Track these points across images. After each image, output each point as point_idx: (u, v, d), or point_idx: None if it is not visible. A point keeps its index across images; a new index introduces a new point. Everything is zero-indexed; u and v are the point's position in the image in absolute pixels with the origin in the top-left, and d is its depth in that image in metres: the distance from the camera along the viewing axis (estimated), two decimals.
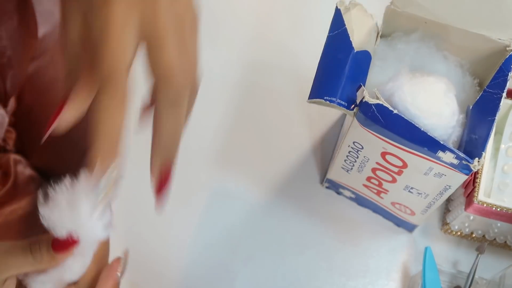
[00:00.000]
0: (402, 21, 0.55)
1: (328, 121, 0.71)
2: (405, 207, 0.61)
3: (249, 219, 0.67)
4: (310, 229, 0.67)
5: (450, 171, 0.50)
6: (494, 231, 0.64)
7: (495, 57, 0.53)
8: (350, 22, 0.54)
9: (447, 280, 0.64)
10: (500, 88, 0.51)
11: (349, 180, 0.63)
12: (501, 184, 0.63)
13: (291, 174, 0.69)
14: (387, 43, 0.57)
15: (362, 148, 0.55)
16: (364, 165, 0.57)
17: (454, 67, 0.56)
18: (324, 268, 0.66)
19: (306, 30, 0.74)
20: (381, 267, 0.66)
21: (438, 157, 0.49)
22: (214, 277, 0.65)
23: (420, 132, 0.48)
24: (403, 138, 0.49)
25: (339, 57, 0.53)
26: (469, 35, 0.53)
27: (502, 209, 0.60)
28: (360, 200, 0.66)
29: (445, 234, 0.67)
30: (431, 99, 0.50)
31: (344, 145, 0.56)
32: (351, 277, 0.66)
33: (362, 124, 0.51)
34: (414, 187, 0.56)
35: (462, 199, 0.63)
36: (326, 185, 0.68)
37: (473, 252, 0.63)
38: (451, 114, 0.51)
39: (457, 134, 0.52)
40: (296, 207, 0.68)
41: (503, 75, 0.52)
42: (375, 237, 0.67)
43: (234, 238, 0.67)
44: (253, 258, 0.66)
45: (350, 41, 0.53)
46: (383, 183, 0.58)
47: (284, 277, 0.65)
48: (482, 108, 0.52)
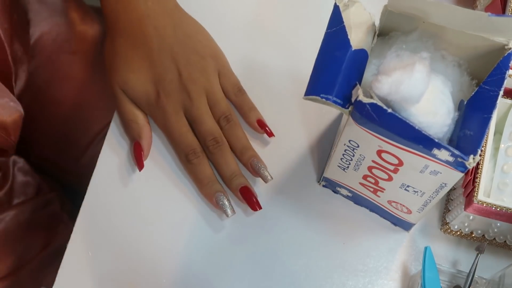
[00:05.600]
0: (400, 20, 0.55)
1: (326, 119, 0.71)
2: (402, 205, 0.61)
3: (245, 218, 0.67)
4: (307, 228, 0.67)
5: (446, 168, 0.50)
6: (493, 231, 0.64)
7: (493, 56, 0.53)
8: (349, 20, 0.54)
9: (447, 280, 0.64)
10: (497, 86, 0.51)
11: (345, 178, 0.63)
12: (501, 183, 0.63)
13: (288, 173, 0.69)
14: (385, 41, 0.57)
15: (358, 146, 0.55)
16: (360, 163, 0.57)
17: (452, 66, 0.56)
18: (323, 268, 0.66)
19: (305, 30, 0.74)
20: (380, 266, 0.66)
21: (433, 154, 0.49)
22: (213, 277, 0.65)
23: (414, 130, 0.48)
24: (398, 136, 0.49)
25: (337, 55, 0.53)
26: (467, 35, 0.53)
27: (501, 209, 0.59)
28: (356, 198, 0.66)
29: (444, 234, 0.67)
30: (426, 97, 0.50)
31: (340, 143, 0.56)
32: (351, 276, 0.66)
33: (357, 122, 0.51)
34: (410, 185, 0.56)
35: (461, 199, 0.63)
36: (323, 184, 0.68)
37: (473, 252, 0.63)
38: (447, 112, 0.51)
39: (453, 132, 0.52)
40: (293, 205, 0.68)
41: (501, 73, 0.51)
42: (374, 236, 0.67)
43: (231, 238, 0.67)
44: (251, 258, 0.66)
45: (348, 39, 0.53)
46: (379, 181, 0.58)
47: (283, 277, 0.65)
48: (478, 104, 0.52)
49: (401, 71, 0.49)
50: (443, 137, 0.52)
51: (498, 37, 0.52)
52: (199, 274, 0.65)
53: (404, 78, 0.49)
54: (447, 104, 0.52)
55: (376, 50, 0.56)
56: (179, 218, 0.67)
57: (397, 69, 0.49)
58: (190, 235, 0.67)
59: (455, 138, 0.52)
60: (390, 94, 0.49)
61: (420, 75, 0.49)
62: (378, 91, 0.49)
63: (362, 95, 0.48)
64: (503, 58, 0.52)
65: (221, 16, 0.76)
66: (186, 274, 0.65)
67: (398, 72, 0.49)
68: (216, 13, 0.76)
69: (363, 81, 0.53)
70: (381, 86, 0.49)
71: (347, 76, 0.51)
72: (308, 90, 0.52)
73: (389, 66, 0.51)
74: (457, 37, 0.54)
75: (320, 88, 0.51)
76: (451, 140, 0.53)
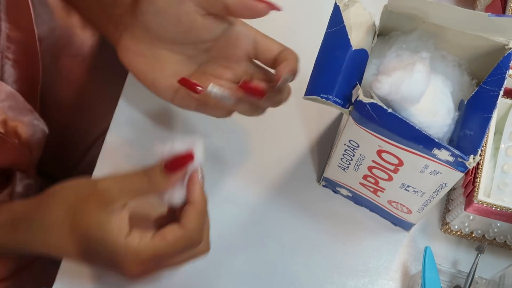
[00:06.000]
0: (400, 20, 0.55)
1: (326, 119, 0.71)
2: (402, 205, 0.61)
3: (246, 218, 0.67)
4: (307, 228, 0.67)
5: (446, 168, 0.50)
6: (494, 231, 0.64)
7: (493, 55, 0.53)
8: (349, 20, 0.54)
9: (447, 280, 0.64)
10: (497, 86, 0.51)
11: (345, 178, 0.63)
12: (501, 183, 0.63)
13: (288, 172, 0.69)
14: (385, 41, 0.57)
15: (358, 146, 0.55)
16: (360, 163, 0.57)
17: (452, 66, 0.56)
18: (323, 267, 0.66)
19: (305, 30, 0.74)
20: (381, 266, 0.66)
21: (433, 154, 0.49)
22: (213, 276, 0.65)
23: (415, 130, 0.48)
24: (398, 136, 0.49)
25: (337, 55, 0.53)
26: (468, 35, 0.53)
27: (502, 209, 0.59)
28: (357, 198, 0.66)
29: (445, 234, 0.67)
30: (426, 97, 0.50)
31: (340, 143, 0.56)
32: (351, 276, 0.66)
33: (357, 122, 0.51)
34: (411, 185, 0.56)
35: (462, 199, 0.63)
36: (323, 184, 0.68)
37: (473, 252, 0.62)
38: (447, 112, 0.51)
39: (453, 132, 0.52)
40: (293, 205, 0.68)
41: (501, 73, 0.52)
42: (374, 236, 0.67)
43: (231, 238, 0.67)
44: (251, 258, 0.66)
45: (348, 39, 0.53)
46: (379, 181, 0.58)
47: (283, 277, 0.65)
48: (478, 104, 0.52)
49: (401, 71, 0.49)
50: (443, 137, 0.52)
51: (498, 37, 0.52)
52: (199, 274, 0.65)
53: (404, 78, 0.49)
54: (447, 104, 0.52)
55: (376, 50, 0.56)
56: None
57: (397, 69, 0.49)
58: None
59: (455, 138, 0.52)
60: (390, 94, 0.49)
61: (420, 75, 0.49)
62: (378, 91, 0.49)
63: (362, 95, 0.48)
64: (503, 58, 0.52)
65: None
66: (185, 274, 0.65)
67: (398, 72, 0.49)
68: None
69: (363, 81, 0.53)
70: (381, 86, 0.49)
71: (347, 76, 0.51)
72: (308, 90, 0.52)
73: (389, 66, 0.51)
74: (457, 37, 0.54)
75: (320, 88, 0.51)
76: (451, 140, 0.53)
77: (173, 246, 0.52)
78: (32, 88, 0.73)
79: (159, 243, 0.51)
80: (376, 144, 0.52)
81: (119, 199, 0.52)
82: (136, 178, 0.52)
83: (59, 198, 0.55)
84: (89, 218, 0.52)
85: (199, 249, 0.55)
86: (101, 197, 0.52)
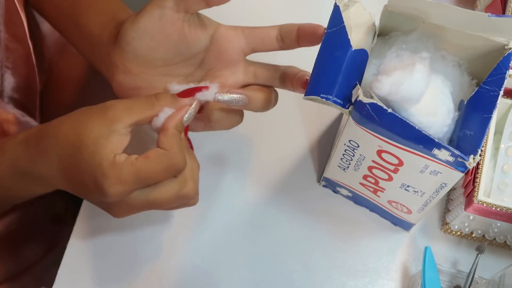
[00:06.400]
0: (400, 20, 0.55)
1: (326, 119, 0.71)
2: (402, 205, 0.61)
3: (245, 218, 0.67)
4: (307, 228, 0.67)
5: (446, 168, 0.50)
6: (494, 231, 0.64)
7: (493, 56, 0.53)
8: (349, 20, 0.54)
9: (447, 280, 0.64)
10: (497, 86, 0.51)
11: (345, 178, 0.63)
12: (501, 183, 0.63)
13: (288, 173, 0.69)
14: (385, 41, 0.57)
15: (358, 146, 0.55)
16: (360, 163, 0.57)
17: (452, 66, 0.56)
18: (323, 267, 0.66)
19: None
20: (381, 266, 0.66)
21: (433, 154, 0.49)
22: (213, 276, 0.65)
23: (415, 130, 0.48)
24: (398, 136, 0.49)
25: (337, 55, 0.53)
26: (468, 35, 0.53)
27: (502, 209, 0.60)
28: (357, 198, 0.66)
29: (445, 234, 0.67)
30: (426, 97, 0.50)
31: (340, 143, 0.56)
32: (351, 276, 0.66)
33: (357, 122, 0.51)
34: (410, 185, 0.56)
35: (462, 199, 0.63)
36: (323, 184, 0.68)
37: (473, 252, 0.62)
38: (447, 112, 0.51)
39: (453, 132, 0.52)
40: (293, 205, 0.68)
41: (501, 73, 0.51)
42: (374, 236, 0.67)
43: (231, 238, 0.67)
44: (251, 258, 0.66)
45: (348, 39, 0.53)
46: (379, 181, 0.58)
47: (283, 277, 0.65)
48: (478, 104, 0.51)
49: (401, 71, 0.49)
50: (443, 137, 0.52)
51: (498, 37, 0.52)
52: (199, 274, 0.65)
53: (404, 78, 0.49)
54: (447, 104, 0.52)
55: (376, 50, 0.56)
56: (179, 218, 0.67)
57: (397, 69, 0.49)
58: (190, 235, 0.67)
59: (455, 138, 0.52)
60: (390, 94, 0.49)
61: (420, 75, 0.49)
62: (378, 91, 0.49)
63: (362, 95, 0.48)
64: (503, 58, 0.52)
65: (220, 15, 0.76)
66: (186, 274, 0.65)
67: (398, 72, 0.49)
68: (216, 13, 0.76)
69: (363, 81, 0.53)
70: (381, 86, 0.49)
71: (347, 76, 0.51)
72: (308, 90, 0.52)
73: (389, 66, 0.51)
74: (457, 37, 0.54)
75: (320, 88, 0.51)
76: (451, 140, 0.53)
77: (155, 164, 0.51)
78: (31, 97, 0.73)
79: (141, 161, 0.51)
80: (376, 144, 0.52)
81: (123, 117, 0.52)
82: (144, 98, 0.54)
83: (72, 116, 0.55)
84: (91, 132, 0.52)
85: (187, 190, 0.54)
86: (106, 114, 0.52)
